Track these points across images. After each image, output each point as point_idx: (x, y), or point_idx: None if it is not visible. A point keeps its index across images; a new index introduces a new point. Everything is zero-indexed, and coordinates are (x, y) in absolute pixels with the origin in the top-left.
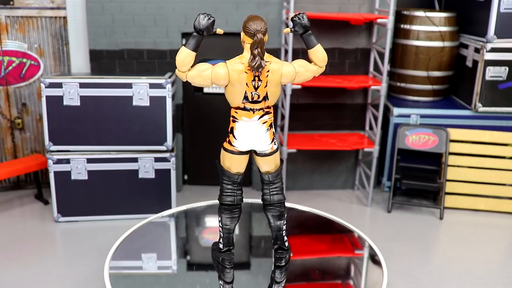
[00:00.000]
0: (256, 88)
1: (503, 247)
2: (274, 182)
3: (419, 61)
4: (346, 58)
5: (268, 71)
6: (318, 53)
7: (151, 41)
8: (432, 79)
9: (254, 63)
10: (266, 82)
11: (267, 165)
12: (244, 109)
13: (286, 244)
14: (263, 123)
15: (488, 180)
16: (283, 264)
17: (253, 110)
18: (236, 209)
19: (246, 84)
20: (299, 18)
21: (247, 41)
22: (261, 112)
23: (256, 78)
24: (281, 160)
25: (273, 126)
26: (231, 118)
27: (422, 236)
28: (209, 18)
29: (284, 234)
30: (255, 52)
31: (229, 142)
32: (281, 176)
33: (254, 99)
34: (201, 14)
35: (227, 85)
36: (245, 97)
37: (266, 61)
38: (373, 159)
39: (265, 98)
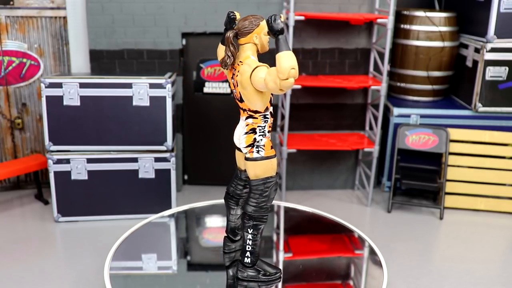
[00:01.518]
0: (235, 86)
1: (503, 247)
2: (251, 191)
3: (419, 61)
4: (346, 58)
5: (238, 71)
6: (277, 60)
7: (151, 41)
8: (432, 79)
9: (220, 59)
10: (236, 82)
11: (247, 169)
12: (240, 106)
13: (247, 260)
14: (246, 125)
15: (488, 180)
16: (239, 277)
17: (242, 109)
18: (231, 199)
19: (229, 81)
20: (267, 20)
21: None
22: (246, 114)
23: (235, 76)
24: (271, 178)
25: (257, 133)
26: None
27: (422, 236)
28: (228, 16)
29: (247, 249)
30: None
31: None
32: (262, 191)
33: (236, 97)
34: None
35: None
36: (232, 93)
37: (240, 61)
38: (373, 159)
39: (241, 99)
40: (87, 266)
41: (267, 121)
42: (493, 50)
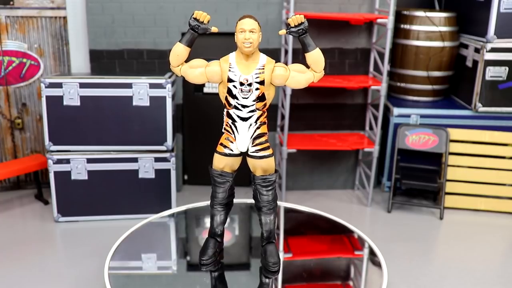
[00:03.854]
0: None
1: (503, 247)
2: None
3: (419, 61)
4: (346, 58)
5: None
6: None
7: (151, 41)
8: (432, 79)
9: None
10: None
11: None
12: None
13: None
14: None
15: (488, 180)
16: None
17: None
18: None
19: None
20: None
21: None
22: None
23: None
24: (211, 169)
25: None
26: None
27: (422, 236)
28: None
29: None
30: None
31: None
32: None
33: None
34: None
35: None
36: None
37: None
38: (373, 159)
39: None
40: (87, 266)
41: (224, 118)
42: (493, 50)
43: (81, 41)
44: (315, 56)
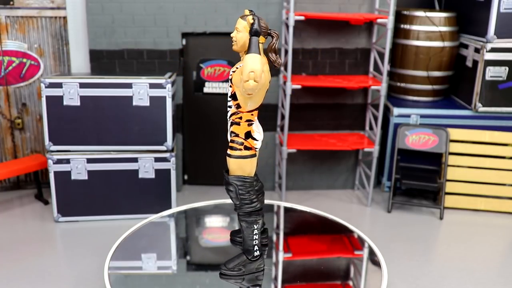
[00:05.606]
0: None
1: (503, 247)
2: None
3: (419, 61)
4: (346, 58)
5: None
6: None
7: (151, 41)
8: (432, 79)
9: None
10: None
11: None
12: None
13: None
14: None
15: (488, 180)
16: None
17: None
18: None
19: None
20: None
21: (262, 41)
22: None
23: None
24: None
25: None
26: (247, 123)
27: (422, 236)
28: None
29: None
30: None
31: (248, 148)
32: None
33: None
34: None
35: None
36: None
37: None
38: (373, 159)
39: None
40: (87, 266)
41: None
42: (493, 50)
43: (81, 41)
44: (244, 61)
